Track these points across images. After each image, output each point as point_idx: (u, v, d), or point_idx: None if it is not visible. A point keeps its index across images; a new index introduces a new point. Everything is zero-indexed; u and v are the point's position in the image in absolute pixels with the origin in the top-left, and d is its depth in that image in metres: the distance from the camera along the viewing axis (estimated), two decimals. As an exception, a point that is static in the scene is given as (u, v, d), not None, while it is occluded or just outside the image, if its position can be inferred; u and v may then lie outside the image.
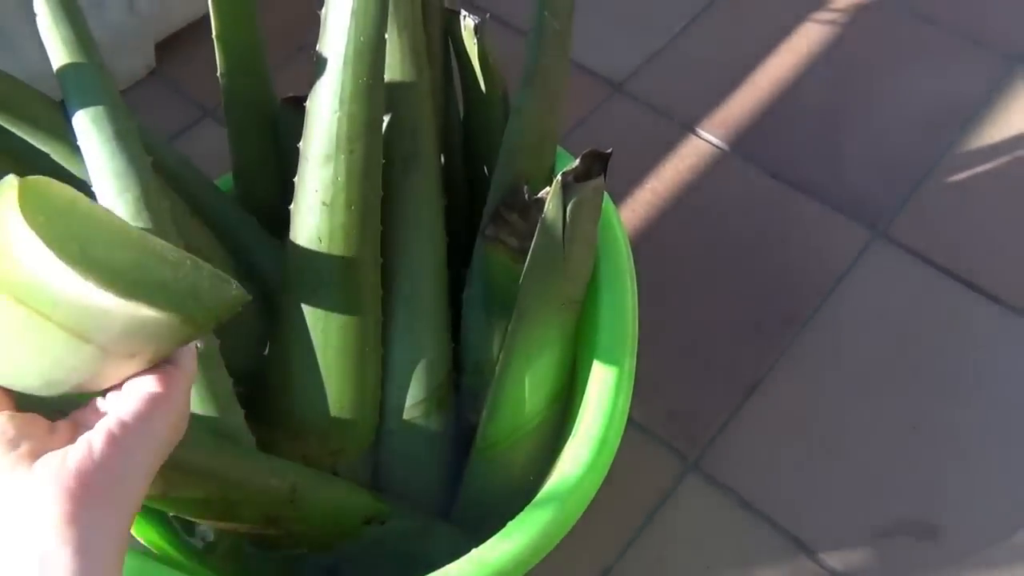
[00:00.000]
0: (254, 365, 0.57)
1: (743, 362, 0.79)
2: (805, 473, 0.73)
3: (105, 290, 0.30)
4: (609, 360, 0.54)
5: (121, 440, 0.32)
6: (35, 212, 0.31)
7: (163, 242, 0.34)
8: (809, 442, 0.75)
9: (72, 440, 0.32)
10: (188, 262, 0.34)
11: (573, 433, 0.52)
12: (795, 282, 0.84)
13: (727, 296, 0.84)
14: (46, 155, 0.53)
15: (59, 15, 0.49)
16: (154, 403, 0.33)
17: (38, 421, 0.34)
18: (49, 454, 0.31)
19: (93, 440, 0.32)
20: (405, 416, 0.57)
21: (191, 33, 1.01)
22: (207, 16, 1.02)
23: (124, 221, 0.35)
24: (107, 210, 0.36)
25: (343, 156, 0.51)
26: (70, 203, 0.33)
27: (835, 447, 0.74)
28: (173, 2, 0.94)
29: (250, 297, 0.35)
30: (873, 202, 0.89)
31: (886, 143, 0.94)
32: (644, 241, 0.88)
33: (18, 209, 0.30)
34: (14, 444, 0.32)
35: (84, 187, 0.53)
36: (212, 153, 0.75)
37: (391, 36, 0.54)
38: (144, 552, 0.51)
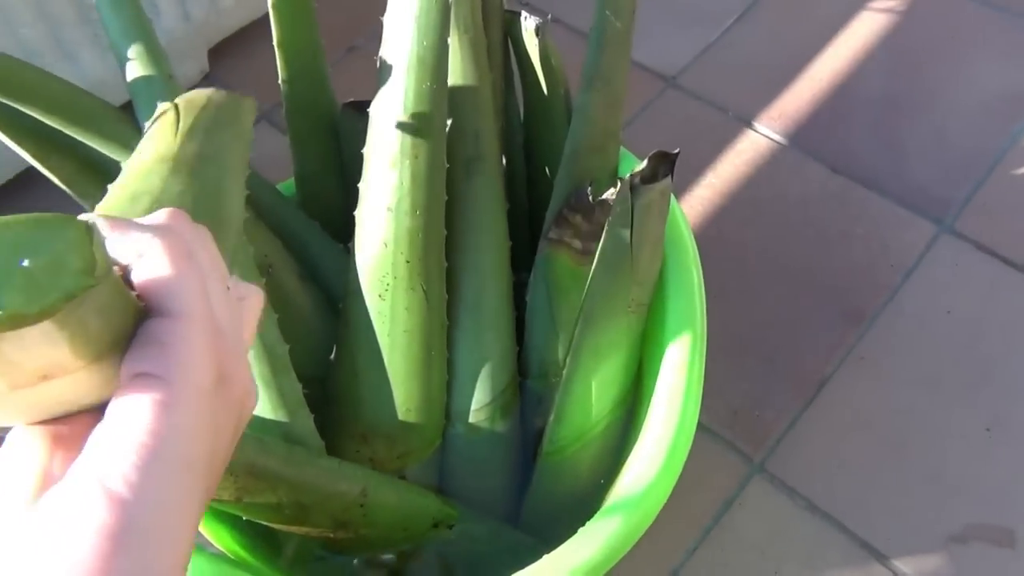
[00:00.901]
0: (321, 370, 0.57)
1: (808, 360, 0.78)
2: (875, 475, 0.71)
3: None
4: (677, 363, 0.53)
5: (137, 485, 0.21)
6: None
7: None
8: (879, 443, 0.73)
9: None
10: None
11: (641, 438, 0.52)
12: (860, 278, 0.82)
13: (790, 292, 0.82)
14: (114, 161, 0.54)
15: (129, 28, 0.50)
16: (161, 411, 0.22)
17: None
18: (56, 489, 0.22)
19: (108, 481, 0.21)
20: (471, 420, 0.57)
21: (243, 38, 1.01)
22: (258, 21, 1.03)
23: None
24: None
25: (407, 161, 0.50)
26: None
27: (906, 449, 0.73)
28: (226, 8, 0.95)
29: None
30: (938, 196, 0.87)
31: (950, 135, 0.91)
32: (703, 237, 0.86)
33: None
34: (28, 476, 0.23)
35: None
36: (268, 157, 0.75)
37: (452, 40, 0.53)
38: (219, 556, 0.52)
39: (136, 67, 0.51)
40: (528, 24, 0.57)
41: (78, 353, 0.22)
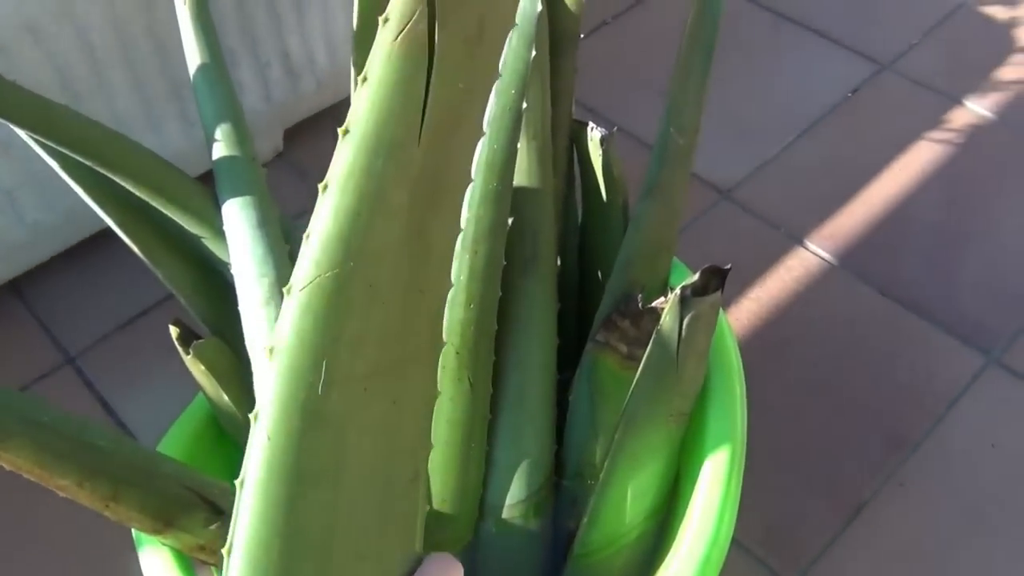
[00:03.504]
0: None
1: (848, 482, 0.77)
2: (910, 609, 0.70)
3: None
4: (715, 477, 0.54)
5: None
6: None
7: None
8: (916, 574, 0.71)
9: None
10: None
11: (674, 549, 0.51)
12: (903, 404, 0.82)
13: (833, 412, 0.82)
14: (193, 235, 0.57)
15: (221, 110, 0.53)
16: None
17: None
18: None
19: None
20: (504, 515, 0.57)
21: (317, 121, 1.06)
22: (334, 106, 1.08)
23: None
24: None
25: (467, 256, 0.52)
26: None
27: (943, 584, 0.71)
28: (306, 93, 1.00)
29: None
30: (987, 327, 0.87)
31: (1002, 268, 0.91)
32: (748, 349, 0.86)
33: None
34: None
35: (224, 268, 0.57)
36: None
37: (521, 144, 0.56)
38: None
39: (222, 147, 0.54)
40: (594, 135, 0.60)
41: None
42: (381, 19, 0.29)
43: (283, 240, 0.53)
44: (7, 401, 0.40)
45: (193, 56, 0.56)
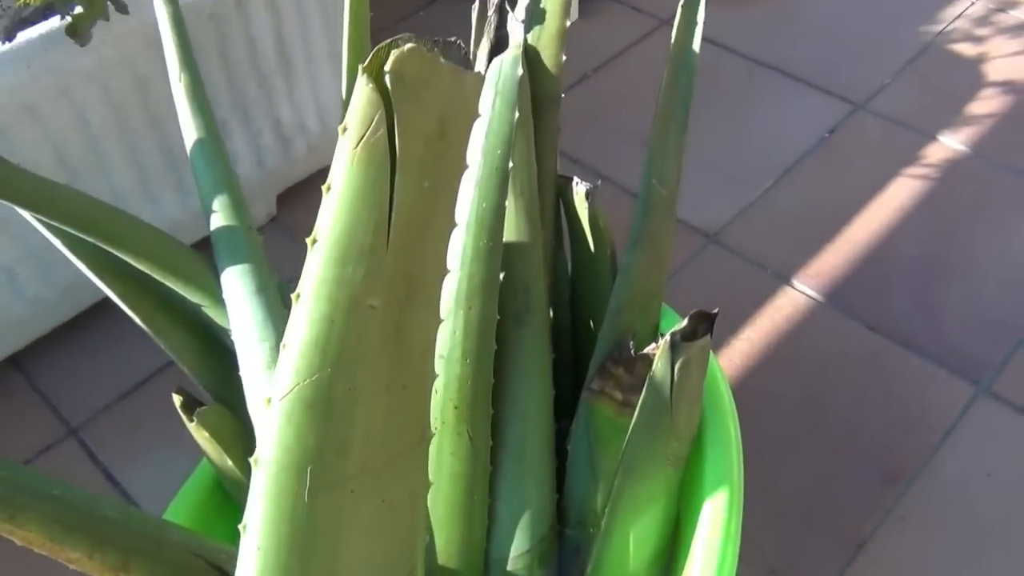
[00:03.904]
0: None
1: (847, 519, 0.77)
2: (917, 643, 0.70)
3: None
4: (715, 518, 0.54)
5: None
6: None
7: None
8: (920, 609, 0.72)
9: None
10: None
11: (678, 592, 0.52)
12: (898, 436, 0.83)
13: (828, 448, 0.83)
14: (193, 304, 0.58)
15: (218, 182, 0.55)
16: None
17: None
18: None
19: None
20: (509, 567, 0.58)
21: (309, 184, 1.09)
22: (325, 169, 1.10)
23: None
24: None
25: (461, 312, 0.54)
26: None
27: (948, 616, 0.71)
28: (297, 158, 1.03)
29: None
30: (975, 358, 0.88)
31: (986, 298, 0.93)
32: (741, 390, 0.88)
33: None
34: None
35: (225, 334, 0.58)
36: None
37: (509, 202, 0.58)
38: None
39: (220, 218, 0.56)
40: (579, 189, 0.62)
41: None
42: (340, 128, 0.29)
43: (282, 305, 0.55)
44: (17, 476, 0.41)
45: (190, 131, 0.58)
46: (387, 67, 0.28)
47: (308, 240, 0.31)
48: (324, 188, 0.31)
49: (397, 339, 0.32)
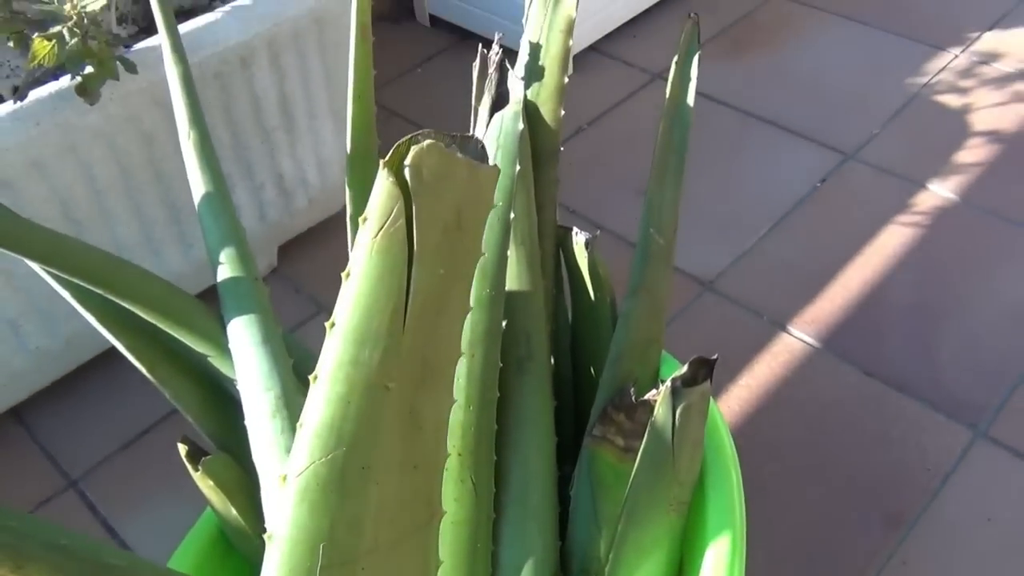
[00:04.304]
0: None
1: (848, 562, 0.77)
2: None
3: None
4: (718, 564, 0.55)
5: None
6: None
7: None
8: (925, 656, 0.71)
9: None
10: None
11: (683, 639, 0.52)
12: (898, 481, 0.83)
13: (828, 493, 0.83)
14: (199, 354, 0.59)
15: (225, 236, 0.56)
16: None
17: None
18: None
19: None
20: (513, 614, 0.58)
21: (310, 236, 1.10)
22: (326, 222, 1.12)
23: None
24: None
25: (464, 360, 0.55)
26: None
27: (954, 662, 0.71)
28: (298, 210, 1.04)
29: None
30: (971, 402, 0.89)
31: (981, 342, 0.94)
32: (740, 436, 0.88)
33: None
34: None
35: (229, 383, 0.59)
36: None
37: (511, 252, 0.59)
38: None
39: (227, 269, 0.57)
40: (579, 239, 0.63)
41: None
42: (361, 219, 0.31)
43: (287, 355, 0.56)
44: (25, 526, 0.41)
45: (198, 185, 0.59)
46: (407, 161, 0.29)
47: (327, 324, 0.32)
48: (344, 275, 0.32)
49: (411, 419, 0.33)
